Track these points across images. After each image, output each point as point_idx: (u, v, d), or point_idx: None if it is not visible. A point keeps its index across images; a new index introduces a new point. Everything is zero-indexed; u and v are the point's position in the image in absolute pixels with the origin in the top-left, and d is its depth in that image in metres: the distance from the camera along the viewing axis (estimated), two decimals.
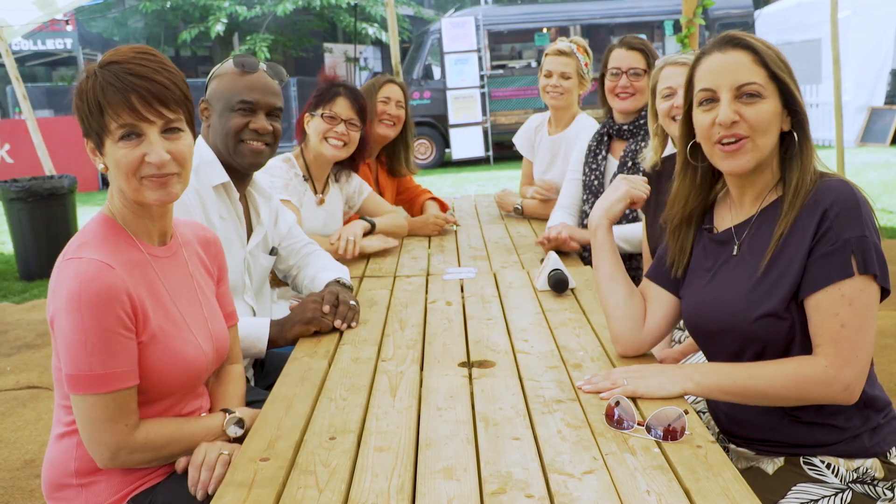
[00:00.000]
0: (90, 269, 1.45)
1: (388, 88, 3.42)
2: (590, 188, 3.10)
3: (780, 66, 1.56)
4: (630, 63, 2.98)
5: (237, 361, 1.88)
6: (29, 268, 6.51)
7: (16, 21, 6.83)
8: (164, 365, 1.56)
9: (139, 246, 1.59)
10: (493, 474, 1.33)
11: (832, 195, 1.51)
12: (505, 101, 13.39)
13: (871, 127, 12.72)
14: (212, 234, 1.85)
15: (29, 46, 14.44)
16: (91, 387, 1.45)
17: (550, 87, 3.48)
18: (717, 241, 1.71)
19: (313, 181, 2.98)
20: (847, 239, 1.47)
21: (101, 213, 1.61)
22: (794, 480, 1.57)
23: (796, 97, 1.57)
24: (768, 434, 1.63)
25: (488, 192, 4.90)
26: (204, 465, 1.55)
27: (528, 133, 3.87)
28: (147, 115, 1.50)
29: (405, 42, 17.01)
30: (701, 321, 1.70)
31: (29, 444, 3.41)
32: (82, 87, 1.51)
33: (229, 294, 1.87)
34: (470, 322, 2.16)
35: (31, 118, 6.88)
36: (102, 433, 1.49)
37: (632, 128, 3.01)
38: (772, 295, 1.54)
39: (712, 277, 1.68)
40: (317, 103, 2.91)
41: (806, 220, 1.52)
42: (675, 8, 11.87)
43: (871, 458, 1.57)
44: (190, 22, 17.64)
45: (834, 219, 1.49)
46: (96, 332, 1.43)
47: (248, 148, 2.19)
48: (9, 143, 11.96)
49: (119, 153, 1.51)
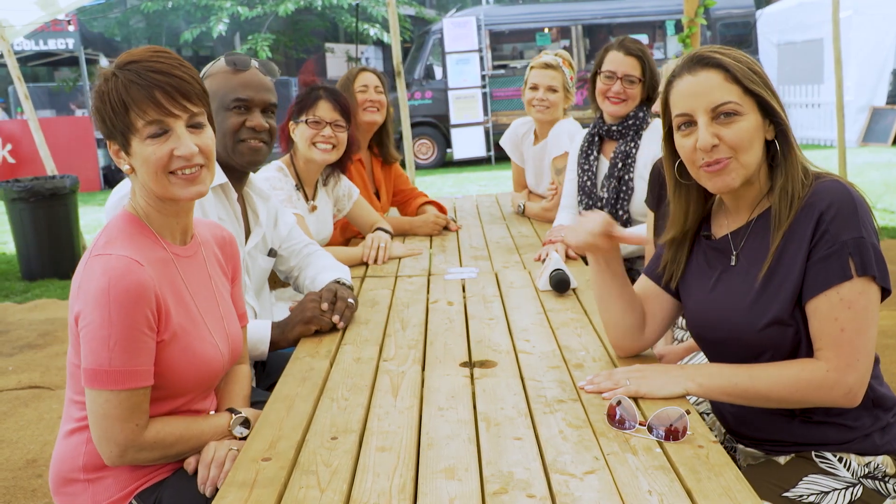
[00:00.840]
0: (120, 266, 1.46)
1: (363, 77, 3.43)
2: (583, 189, 3.10)
3: (754, 79, 1.53)
4: (626, 69, 2.93)
5: (245, 362, 1.89)
6: (31, 268, 6.52)
7: (18, 21, 6.84)
8: (182, 364, 1.57)
9: (163, 244, 1.61)
10: (495, 474, 1.33)
11: (828, 197, 1.49)
12: (506, 101, 13.38)
13: (873, 127, 12.70)
14: (228, 233, 1.86)
15: (31, 46, 14.43)
16: (108, 382, 1.46)
17: (537, 100, 3.46)
18: (716, 248, 1.70)
19: (304, 188, 2.97)
20: (844, 241, 1.46)
21: (124, 210, 1.62)
22: (805, 471, 1.56)
23: (774, 107, 1.54)
24: (776, 434, 1.62)
25: (490, 192, 4.90)
26: (213, 462, 1.56)
27: (514, 139, 3.86)
28: (172, 110, 1.52)
29: (406, 42, 17.02)
30: (704, 331, 1.70)
31: (31, 444, 3.41)
32: (103, 89, 1.52)
33: (242, 294, 1.88)
34: (471, 322, 2.16)
35: (33, 118, 6.89)
36: (113, 430, 1.49)
37: (621, 129, 3.00)
38: (775, 302, 1.54)
39: (714, 285, 1.67)
40: (299, 110, 2.88)
41: (803, 224, 1.51)
42: (677, 8, 11.86)
43: (883, 455, 1.57)
44: (191, 22, 17.65)
45: (830, 221, 1.47)
46: (121, 328, 1.44)
47: (247, 146, 2.19)
48: (11, 144, 11.98)
49: (148, 150, 1.53)
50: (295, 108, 2.90)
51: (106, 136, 1.57)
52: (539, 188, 3.72)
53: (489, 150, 13.32)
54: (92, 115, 1.57)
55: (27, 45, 14.13)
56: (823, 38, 12.09)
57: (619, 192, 2.95)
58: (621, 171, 2.95)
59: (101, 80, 1.54)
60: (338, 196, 3.17)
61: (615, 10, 13.88)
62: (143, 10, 17.40)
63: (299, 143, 2.88)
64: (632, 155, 2.95)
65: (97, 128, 1.58)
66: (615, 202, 2.95)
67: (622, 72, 2.93)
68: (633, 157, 2.94)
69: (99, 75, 1.55)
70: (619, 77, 2.93)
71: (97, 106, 1.54)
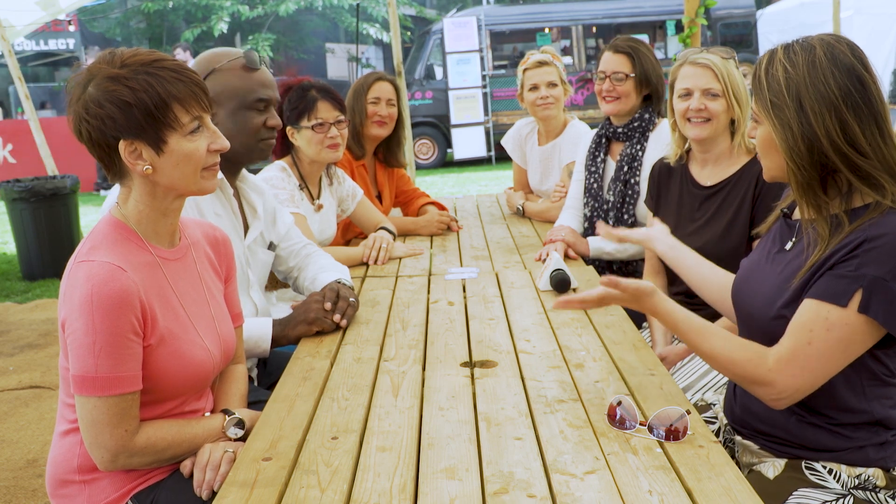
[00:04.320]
0: (102, 272, 1.45)
1: (378, 87, 3.39)
2: (589, 191, 3.09)
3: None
4: (614, 67, 2.95)
5: (241, 361, 1.88)
6: (31, 268, 6.51)
7: (18, 21, 6.85)
8: (171, 367, 1.57)
9: (149, 248, 1.60)
10: (495, 474, 1.33)
11: (881, 230, 1.43)
12: (507, 101, 13.36)
13: None
14: (221, 233, 1.85)
15: (31, 47, 14.45)
16: (95, 389, 1.46)
17: (541, 99, 3.45)
18: (787, 227, 1.67)
19: (308, 188, 2.96)
20: (864, 274, 1.41)
21: (109, 215, 1.61)
22: (794, 486, 1.55)
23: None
24: (776, 430, 1.62)
25: (490, 192, 4.90)
26: (209, 465, 1.55)
27: (518, 139, 3.85)
28: (208, 106, 1.58)
29: (407, 42, 17.02)
30: (737, 299, 1.72)
31: (31, 444, 3.41)
32: (135, 86, 1.49)
33: (237, 294, 1.88)
34: (472, 322, 2.16)
35: (34, 118, 6.89)
36: (103, 436, 1.49)
37: (627, 130, 3.00)
38: (794, 298, 1.52)
39: (766, 259, 1.67)
40: (298, 115, 2.83)
41: (846, 244, 1.46)
42: (678, 8, 11.84)
43: (874, 468, 1.55)
44: (192, 22, 17.64)
45: (866, 252, 1.42)
46: (106, 335, 1.44)
47: (267, 144, 2.26)
48: (11, 144, 11.97)
49: (190, 146, 1.55)
50: (291, 114, 2.85)
51: (131, 134, 1.51)
52: (542, 187, 3.71)
53: (490, 151, 13.31)
54: (101, 119, 1.49)
55: (28, 45, 14.15)
56: None
57: (625, 196, 2.94)
58: (627, 174, 2.94)
59: (124, 77, 1.49)
60: (342, 196, 3.17)
61: (616, 10, 13.87)
62: (143, 10, 17.39)
63: (305, 148, 2.86)
64: (638, 158, 2.93)
65: (107, 130, 1.50)
66: (621, 206, 2.94)
67: (611, 70, 2.96)
68: (639, 161, 2.93)
69: (100, 77, 1.49)
70: (608, 75, 2.97)
71: (130, 101, 1.48)
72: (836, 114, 1.45)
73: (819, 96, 1.45)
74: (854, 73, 1.47)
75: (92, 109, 1.50)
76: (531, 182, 3.81)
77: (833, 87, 1.45)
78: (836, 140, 1.45)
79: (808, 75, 1.47)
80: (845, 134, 1.45)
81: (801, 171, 1.49)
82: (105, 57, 1.54)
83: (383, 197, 3.59)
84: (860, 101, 1.46)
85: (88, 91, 1.50)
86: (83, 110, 1.51)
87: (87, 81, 1.51)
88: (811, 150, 1.47)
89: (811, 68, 1.47)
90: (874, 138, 1.46)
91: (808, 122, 1.46)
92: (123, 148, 1.52)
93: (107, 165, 1.57)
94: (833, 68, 1.46)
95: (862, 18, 12.11)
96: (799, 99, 1.47)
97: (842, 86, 1.45)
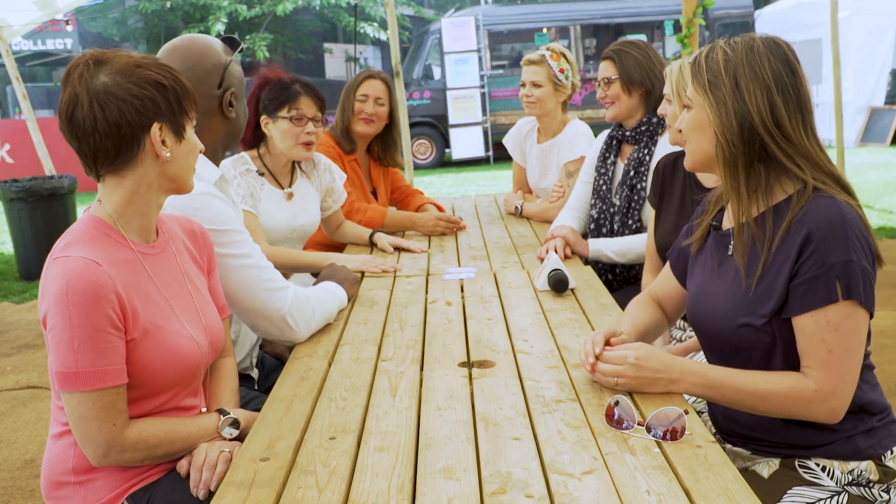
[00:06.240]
0: (77, 267, 1.45)
1: (367, 85, 3.37)
2: (598, 192, 3.08)
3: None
4: (602, 73, 3.04)
5: (229, 354, 1.87)
6: (29, 268, 6.51)
7: (16, 21, 6.84)
8: (158, 359, 1.56)
9: (129, 244, 1.59)
10: (493, 474, 1.33)
11: (818, 216, 1.48)
12: (505, 101, 13.38)
13: (872, 127, 12.71)
14: (198, 225, 1.83)
15: (29, 46, 14.45)
16: (78, 384, 1.45)
17: (524, 96, 3.53)
18: (720, 238, 1.71)
19: (274, 176, 2.87)
20: (832, 264, 1.45)
21: (88, 214, 1.61)
22: (789, 484, 1.57)
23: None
24: (762, 434, 1.63)
25: (489, 192, 4.90)
26: (205, 465, 1.55)
27: (518, 138, 3.86)
28: (194, 108, 1.69)
29: (405, 42, 17.01)
30: (696, 318, 1.72)
31: (29, 444, 3.41)
32: (165, 73, 1.57)
33: (220, 286, 1.86)
34: (470, 322, 2.16)
35: (32, 118, 6.89)
36: (92, 431, 1.48)
37: (634, 134, 3.00)
38: (753, 308, 1.55)
39: (711, 275, 1.69)
40: (277, 105, 2.77)
41: (790, 240, 1.51)
42: (676, 8, 11.87)
43: (866, 460, 1.57)
44: (190, 21, 17.63)
45: (819, 242, 1.47)
46: (83, 329, 1.43)
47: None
48: (9, 143, 11.96)
49: (195, 139, 1.66)
50: (270, 103, 2.78)
51: (160, 119, 1.55)
52: (541, 185, 3.71)
53: (488, 150, 13.32)
54: (142, 99, 1.51)
55: (25, 44, 14.14)
56: (822, 38, 12.08)
57: (631, 201, 2.93)
58: (634, 178, 2.93)
59: (139, 67, 1.53)
60: (328, 186, 3.07)
61: (614, 10, 13.88)
62: (141, 9, 17.38)
63: (278, 141, 2.79)
64: (645, 163, 2.93)
65: (146, 111, 1.52)
66: (627, 210, 2.94)
67: (600, 76, 3.05)
68: (646, 165, 2.92)
69: (119, 64, 1.52)
70: (599, 82, 3.06)
71: (163, 85, 1.55)
72: (768, 94, 1.52)
73: (754, 76, 1.53)
74: (788, 63, 1.55)
75: (130, 90, 1.51)
76: (530, 180, 3.80)
77: (767, 70, 1.53)
78: (765, 119, 1.52)
79: (745, 58, 1.55)
80: (773, 114, 1.52)
81: (730, 147, 1.55)
82: (99, 52, 1.56)
83: (378, 193, 3.58)
84: (790, 87, 1.53)
85: (106, 78, 1.50)
86: (110, 92, 1.50)
87: (96, 68, 1.51)
88: (742, 126, 1.53)
89: (749, 52, 1.55)
90: (798, 127, 1.53)
91: (742, 99, 1.53)
92: (157, 130, 1.54)
93: (115, 153, 1.54)
94: (770, 55, 1.54)
95: (860, 18, 12.13)
96: (735, 77, 1.54)
97: (775, 70, 1.53)
